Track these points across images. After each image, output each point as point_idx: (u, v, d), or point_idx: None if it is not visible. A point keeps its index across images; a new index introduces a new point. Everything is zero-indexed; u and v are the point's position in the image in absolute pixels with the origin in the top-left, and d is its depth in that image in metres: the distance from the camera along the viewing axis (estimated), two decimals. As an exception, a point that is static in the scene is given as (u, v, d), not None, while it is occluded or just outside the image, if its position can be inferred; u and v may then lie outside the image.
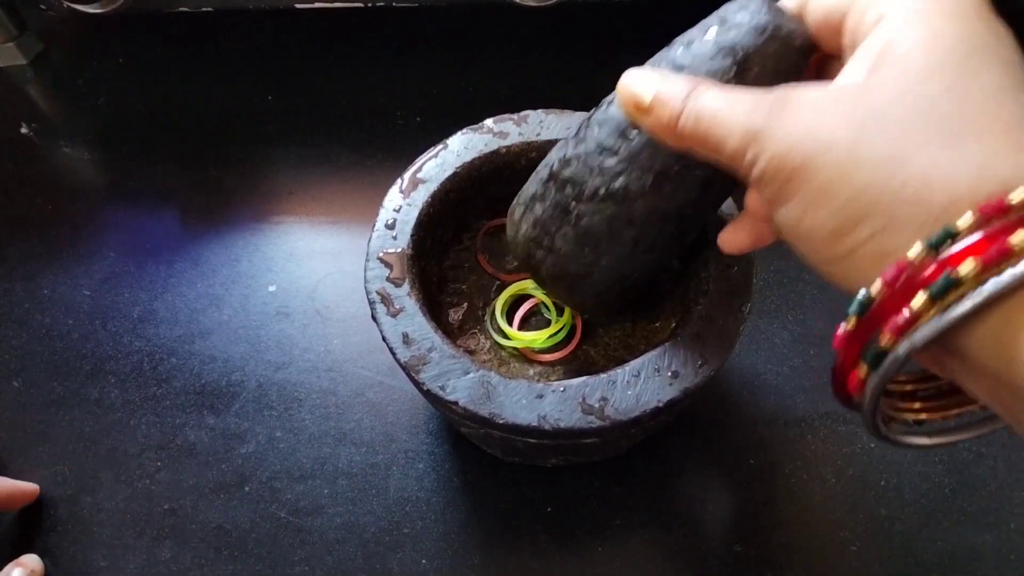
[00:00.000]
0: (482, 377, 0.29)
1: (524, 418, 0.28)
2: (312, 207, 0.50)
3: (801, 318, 0.43)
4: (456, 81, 0.56)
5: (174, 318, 0.44)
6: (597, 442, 0.31)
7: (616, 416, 0.28)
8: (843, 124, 0.19)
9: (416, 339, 0.30)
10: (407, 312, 0.31)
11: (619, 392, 0.29)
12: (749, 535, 0.36)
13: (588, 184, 0.29)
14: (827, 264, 0.21)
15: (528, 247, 0.32)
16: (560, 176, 0.30)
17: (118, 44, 0.61)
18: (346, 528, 0.37)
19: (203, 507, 0.38)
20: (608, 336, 0.36)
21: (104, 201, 0.51)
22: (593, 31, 0.59)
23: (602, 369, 0.30)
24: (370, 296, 0.32)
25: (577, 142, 0.29)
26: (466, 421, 0.30)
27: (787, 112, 0.20)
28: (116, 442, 0.40)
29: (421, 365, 0.30)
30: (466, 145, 0.36)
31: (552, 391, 0.29)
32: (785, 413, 0.40)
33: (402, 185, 0.35)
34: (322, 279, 0.46)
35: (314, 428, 0.40)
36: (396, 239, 0.33)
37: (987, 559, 0.35)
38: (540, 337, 0.35)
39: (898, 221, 0.18)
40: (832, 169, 0.19)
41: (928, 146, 0.18)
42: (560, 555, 0.36)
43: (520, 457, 0.37)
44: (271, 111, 0.55)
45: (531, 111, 0.37)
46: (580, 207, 0.29)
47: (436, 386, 0.29)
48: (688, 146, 0.23)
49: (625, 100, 0.25)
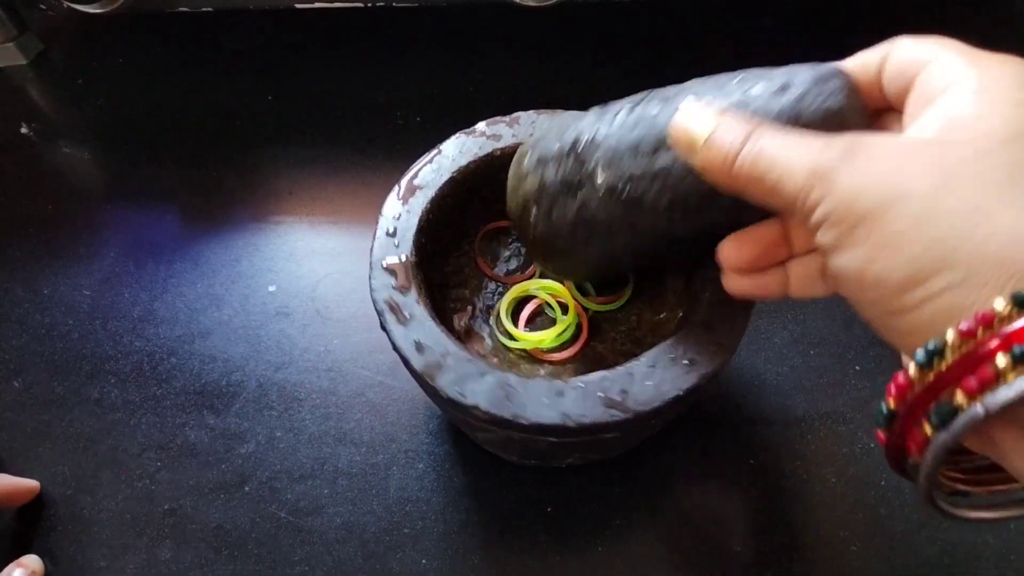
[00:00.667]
0: (500, 379, 0.29)
1: (547, 417, 0.28)
2: (312, 207, 0.50)
3: (801, 318, 0.43)
4: (456, 81, 0.56)
5: (174, 318, 0.44)
6: (617, 436, 0.30)
7: (638, 408, 0.28)
8: (924, 173, 0.19)
9: (429, 345, 0.30)
10: (417, 319, 0.31)
11: (638, 384, 0.29)
12: (749, 535, 0.36)
13: (606, 177, 0.28)
14: (891, 315, 0.20)
15: (526, 202, 0.32)
16: (582, 156, 0.29)
17: (118, 44, 0.61)
18: (346, 528, 0.37)
19: (203, 507, 0.38)
20: (615, 331, 0.36)
21: (104, 201, 0.51)
22: (593, 31, 0.59)
23: (612, 364, 0.30)
24: (378, 306, 0.31)
25: (612, 128, 0.28)
26: (486, 425, 0.29)
27: (861, 157, 0.20)
28: (116, 442, 0.40)
29: (437, 371, 0.29)
30: (460, 149, 0.36)
31: (572, 388, 0.29)
32: (785, 413, 0.40)
33: (399, 192, 0.35)
34: (322, 279, 0.46)
35: (314, 428, 0.40)
36: (398, 247, 0.33)
37: (987, 559, 0.35)
38: (548, 337, 0.35)
39: (978, 275, 0.17)
40: (910, 217, 0.18)
41: (1013, 204, 0.18)
42: (560, 555, 0.36)
43: (538, 459, 0.37)
44: (271, 111, 0.55)
45: (522, 112, 0.37)
46: (590, 194, 0.29)
47: (455, 391, 0.29)
48: (740, 187, 0.23)
49: (678, 138, 0.24)
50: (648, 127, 0.27)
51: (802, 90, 0.25)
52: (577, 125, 0.30)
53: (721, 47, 0.57)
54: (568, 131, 0.30)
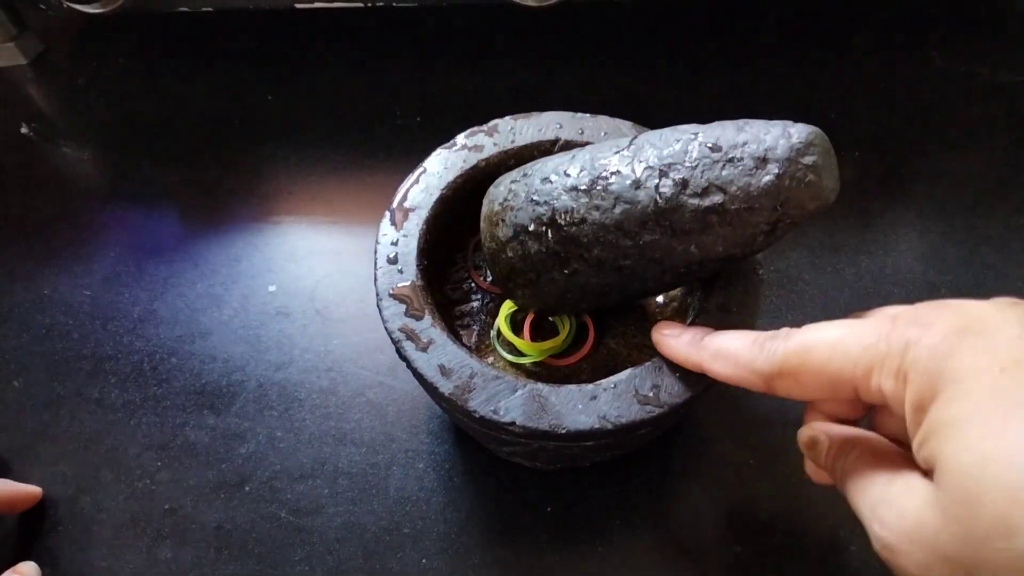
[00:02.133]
0: (531, 391, 0.29)
1: (584, 423, 0.28)
2: (312, 207, 0.50)
3: (801, 318, 0.43)
4: (456, 81, 0.56)
5: (174, 318, 0.45)
6: (649, 431, 0.30)
7: (671, 400, 0.28)
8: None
9: (454, 368, 0.29)
10: (436, 343, 0.30)
11: (667, 377, 0.29)
12: (749, 535, 0.36)
13: (595, 252, 0.28)
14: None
15: (508, 271, 0.32)
16: (564, 231, 0.29)
17: (118, 44, 0.61)
18: (346, 528, 0.37)
19: (203, 507, 0.38)
20: (624, 325, 0.36)
21: (104, 201, 0.51)
22: (593, 31, 0.59)
23: (628, 359, 0.29)
24: (394, 335, 0.31)
25: (592, 200, 0.28)
26: (522, 440, 0.29)
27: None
28: (116, 442, 0.40)
29: (468, 393, 0.29)
30: (444, 165, 0.36)
31: (603, 389, 0.29)
32: (785, 413, 0.39)
33: (392, 217, 0.34)
34: (322, 279, 0.46)
35: (314, 428, 0.40)
36: (402, 272, 0.32)
37: (987, 559, 0.35)
38: (557, 342, 0.34)
39: None
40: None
41: None
42: (560, 555, 0.36)
43: (565, 463, 0.37)
44: (271, 111, 0.55)
45: (499, 120, 0.37)
46: (580, 266, 0.29)
47: (488, 411, 0.28)
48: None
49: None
50: (632, 203, 0.27)
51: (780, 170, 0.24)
52: (548, 190, 0.30)
53: (721, 47, 0.57)
54: (539, 197, 0.30)
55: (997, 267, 0.45)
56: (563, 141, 0.36)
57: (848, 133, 0.51)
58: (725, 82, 0.55)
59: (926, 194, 0.48)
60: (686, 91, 0.54)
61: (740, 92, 0.54)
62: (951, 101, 0.53)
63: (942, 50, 0.56)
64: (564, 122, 0.37)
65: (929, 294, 0.43)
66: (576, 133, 0.36)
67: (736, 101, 0.53)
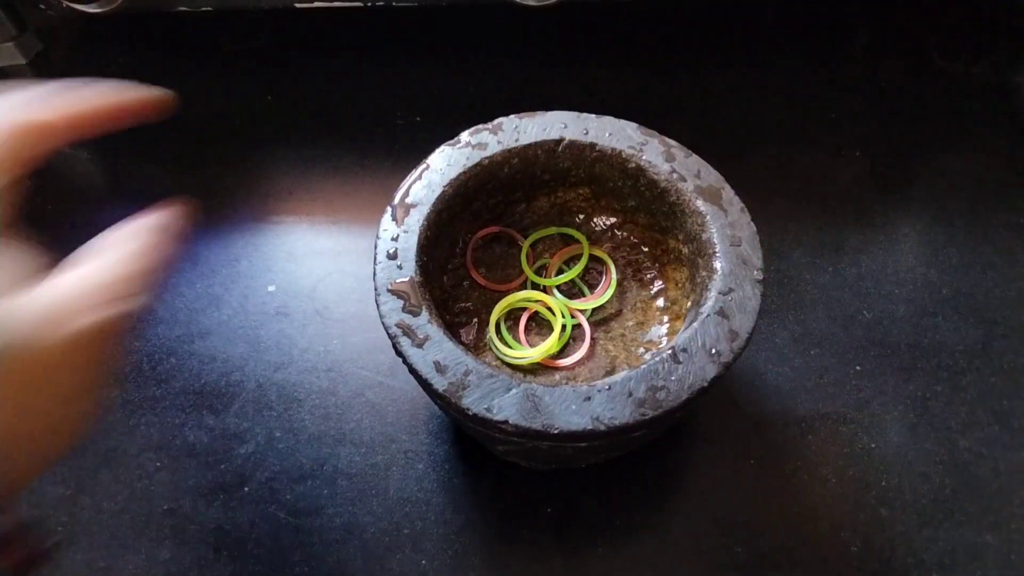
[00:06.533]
0: (526, 390, 0.29)
1: (577, 423, 0.28)
2: (312, 207, 0.50)
3: (801, 318, 0.43)
4: (456, 81, 0.56)
5: (174, 318, 0.44)
6: (644, 433, 0.30)
7: (668, 403, 0.28)
8: None
9: (449, 365, 0.29)
10: (433, 340, 0.30)
11: (664, 379, 0.29)
12: (749, 535, 0.36)
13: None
14: None
15: None
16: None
17: (118, 44, 0.61)
18: (346, 528, 0.37)
19: (203, 507, 0.38)
20: (622, 326, 0.36)
21: (104, 201, 0.51)
22: (593, 31, 0.59)
23: (625, 361, 0.29)
24: (390, 331, 0.31)
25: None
26: (515, 439, 0.29)
27: None
28: (116, 442, 0.40)
29: (462, 391, 0.29)
30: (448, 162, 0.36)
31: (598, 391, 0.29)
32: (785, 413, 0.39)
33: (393, 212, 0.34)
34: (322, 279, 0.46)
35: (314, 428, 0.40)
36: (402, 268, 0.32)
37: (988, 559, 0.35)
38: (551, 343, 0.34)
39: None
40: None
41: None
42: (560, 556, 0.36)
43: (560, 464, 0.37)
44: (271, 111, 0.55)
45: (504, 118, 0.37)
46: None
47: (482, 408, 0.28)
48: None
49: None
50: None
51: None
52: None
53: (721, 47, 0.57)
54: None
55: (997, 267, 0.45)
56: (567, 141, 0.36)
57: (848, 133, 0.51)
58: (725, 82, 0.55)
59: (926, 194, 0.48)
60: (686, 91, 0.54)
61: (740, 92, 0.54)
62: (951, 101, 0.53)
63: (942, 50, 0.56)
64: (569, 122, 0.37)
65: (929, 294, 0.43)
66: (581, 133, 0.36)
67: (736, 101, 0.53)
